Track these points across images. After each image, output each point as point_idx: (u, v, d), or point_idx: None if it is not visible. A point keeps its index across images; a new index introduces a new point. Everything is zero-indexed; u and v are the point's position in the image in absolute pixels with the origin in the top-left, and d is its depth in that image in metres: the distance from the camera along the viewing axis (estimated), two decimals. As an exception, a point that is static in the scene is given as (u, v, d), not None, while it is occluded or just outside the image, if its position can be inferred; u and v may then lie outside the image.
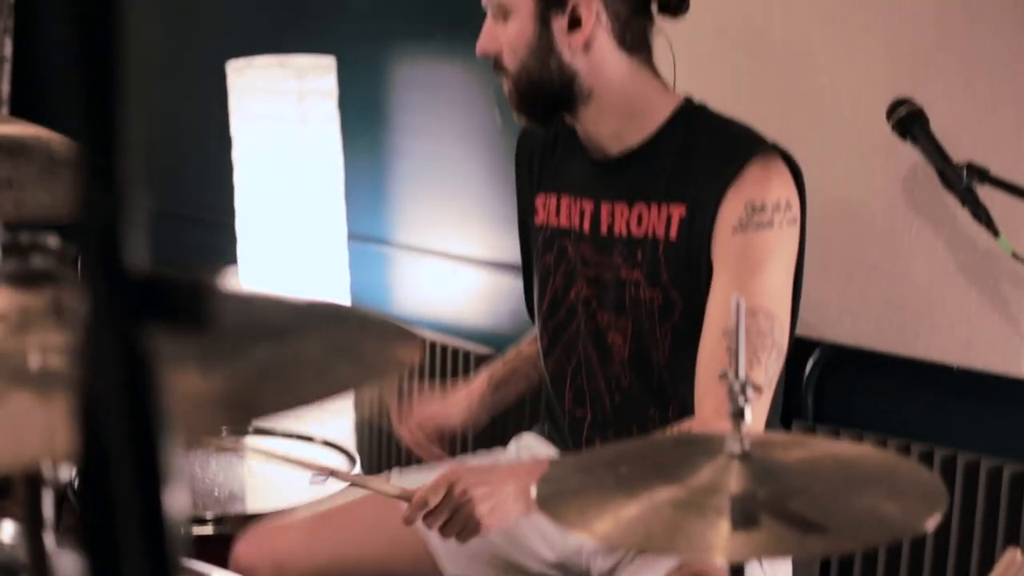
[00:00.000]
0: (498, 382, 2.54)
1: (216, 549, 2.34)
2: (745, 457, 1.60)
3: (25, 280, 1.17)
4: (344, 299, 3.41)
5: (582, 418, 2.32)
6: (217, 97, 3.43)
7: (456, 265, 3.42)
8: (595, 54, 2.19)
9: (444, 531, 2.03)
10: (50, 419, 0.97)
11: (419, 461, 2.49)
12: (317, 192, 3.33)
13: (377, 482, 2.26)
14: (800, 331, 2.55)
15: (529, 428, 2.49)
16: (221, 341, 1.17)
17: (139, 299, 0.77)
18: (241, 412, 1.02)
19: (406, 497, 2.07)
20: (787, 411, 2.73)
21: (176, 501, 0.78)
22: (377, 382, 1.12)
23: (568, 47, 2.18)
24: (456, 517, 2.00)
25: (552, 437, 2.42)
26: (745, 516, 1.50)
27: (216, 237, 3.74)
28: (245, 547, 2.31)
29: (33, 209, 2.57)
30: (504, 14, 2.21)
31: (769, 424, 2.21)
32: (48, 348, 1.10)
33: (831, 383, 2.80)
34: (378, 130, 3.56)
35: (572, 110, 2.23)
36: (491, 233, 3.36)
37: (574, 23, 2.18)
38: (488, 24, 2.24)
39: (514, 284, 3.28)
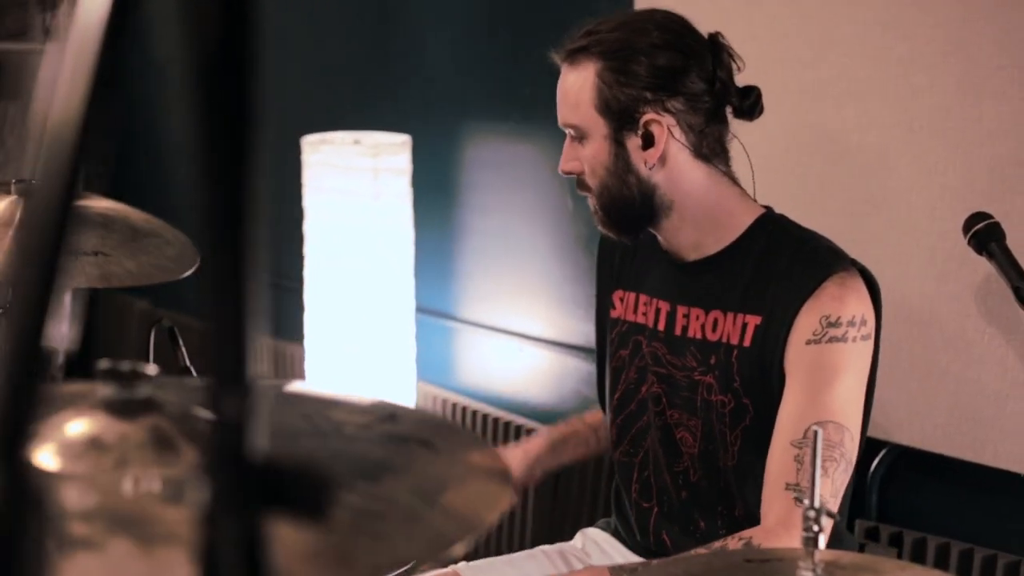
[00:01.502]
0: (556, 442, 2.57)
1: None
2: (817, 584, 1.61)
3: (125, 409, 1.19)
4: (410, 372, 3.43)
5: (648, 510, 2.33)
6: (291, 170, 3.48)
7: (520, 343, 3.44)
8: (672, 167, 2.21)
9: None
10: (151, 570, 0.97)
11: (480, 549, 2.52)
12: (387, 266, 3.37)
13: None
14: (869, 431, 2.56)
15: (594, 523, 2.51)
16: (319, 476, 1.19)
17: (259, 488, 0.79)
18: (339, 572, 1.02)
19: None
20: (852, 510, 2.72)
21: None
22: (470, 536, 1.11)
23: (644, 164, 2.21)
24: None
25: (618, 531, 2.43)
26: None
27: (284, 303, 3.78)
28: None
29: (118, 277, 2.62)
30: (580, 136, 2.24)
31: (841, 531, 2.22)
32: (146, 480, 1.11)
33: (896, 484, 2.79)
34: (449, 207, 3.60)
35: (655, 222, 2.26)
36: (556, 313, 3.38)
37: (648, 140, 2.20)
38: (567, 144, 2.27)
39: (577, 364, 3.30)
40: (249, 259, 0.79)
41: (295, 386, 1.38)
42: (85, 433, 1.16)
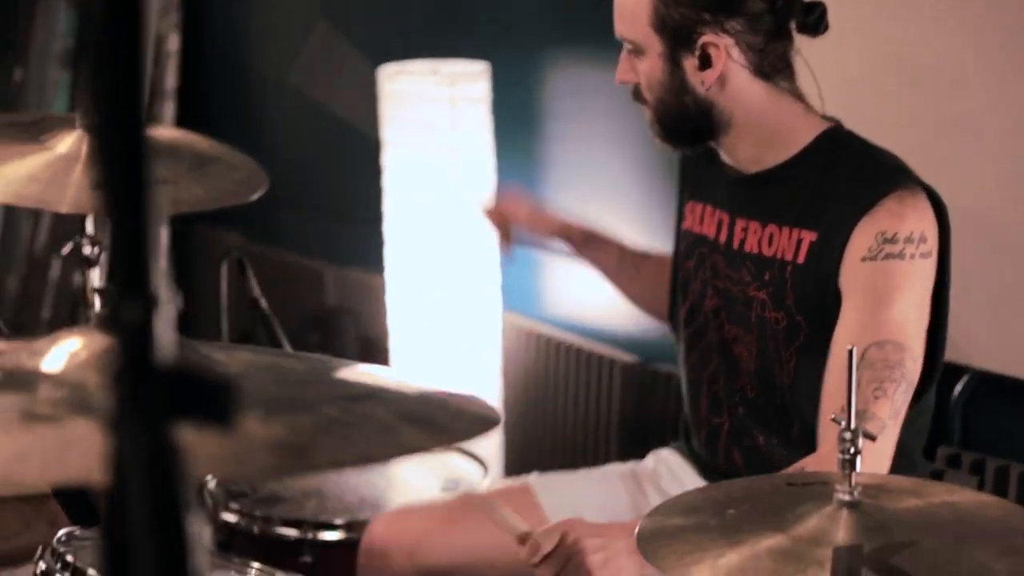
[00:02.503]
0: (588, 238, 2.65)
1: (347, 555, 2.37)
2: (854, 506, 1.57)
3: (116, 327, 1.21)
4: (495, 303, 3.42)
5: (718, 424, 2.31)
6: (368, 102, 3.48)
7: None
8: (730, 86, 2.17)
9: None
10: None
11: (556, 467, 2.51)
12: (468, 196, 3.35)
13: (502, 512, 2.24)
14: (948, 356, 2.49)
15: (668, 444, 2.49)
16: (294, 395, 1.20)
17: (166, 395, 0.78)
18: (292, 461, 1.04)
19: (522, 538, 2.07)
20: (934, 437, 2.66)
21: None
22: (442, 446, 1.13)
23: (701, 84, 2.17)
24: (568, 566, 2.00)
25: (688, 452, 2.41)
26: (846, 572, 1.47)
27: (363, 238, 3.79)
28: (379, 529, 2.33)
29: (187, 203, 2.66)
30: (637, 51, 2.21)
31: (913, 457, 2.17)
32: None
33: (979, 410, 2.71)
34: (530, 136, 3.56)
35: (713, 138, 2.22)
36: (641, 241, 3.33)
37: (704, 61, 2.16)
38: (624, 56, 2.24)
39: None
40: (147, 168, 0.78)
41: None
42: (78, 345, 1.23)
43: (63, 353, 1.22)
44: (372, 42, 3.85)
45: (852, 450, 1.58)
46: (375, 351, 3.67)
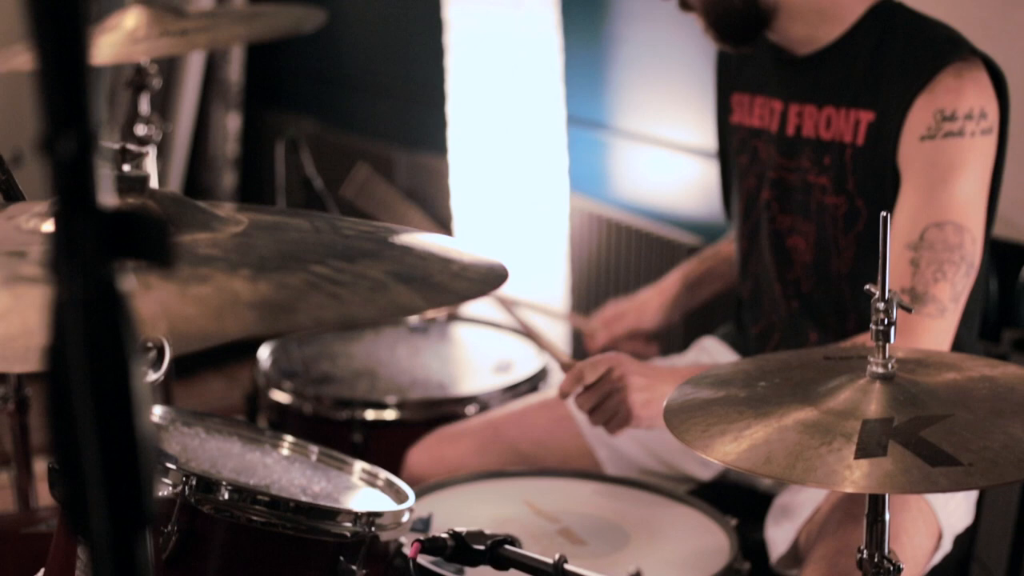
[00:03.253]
0: (693, 282, 2.51)
1: (398, 435, 2.38)
2: (888, 379, 1.53)
3: (118, 188, 1.20)
4: (562, 185, 3.38)
5: (771, 321, 2.27)
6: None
7: (673, 153, 3.35)
8: None
9: (594, 416, 2.00)
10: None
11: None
12: (534, 77, 3.30)
13: (547, 338, 2.23)
14: (1015, 236, 2.42)
15: (710, 332, 2.45)
16: (291, 254, 1.18)
17: (106, 233, 0.77)
18: (274, 318, 1.02)
19: (566, 366, 2.05)
20: (1000, 320, 2.60)
21: (146, 425, 0.78)
22: (431, 309, 1.11)
23: None
24: (608, 402, 1.97)
25: (734, 342, 2.37)
26: (873, 444, 1.43)
27: (426, 115, 3.76)
28: (417, 455, 2.33)
29: (228, 40, 2.67)
30: None
31: (963, 339, 2.11)
32: None
33: (1047, 291, 2.64)
34: (597, 14, 3.50)
35: (766, 24, 2.15)
36: (709, 121, 3.27)
37: None
38: None
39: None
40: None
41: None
42: None
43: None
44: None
45: (885, 321, 1.53)
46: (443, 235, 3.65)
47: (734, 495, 2.25)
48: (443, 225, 3.61)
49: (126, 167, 1.19)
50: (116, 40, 2.38)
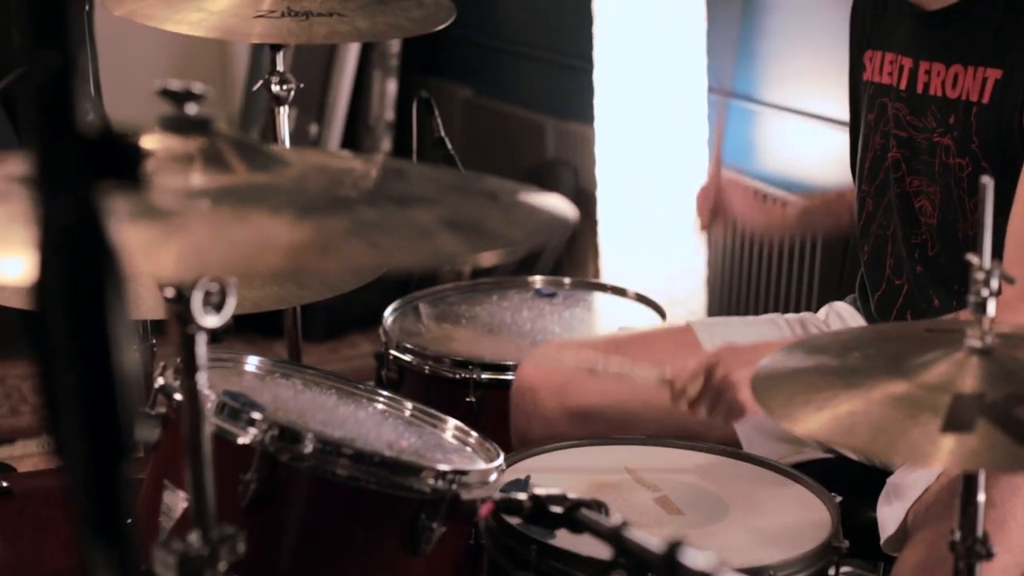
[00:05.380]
0: (807, 210, 2.51)
1: (508, 396, 2.36)
2: (986, 353, 1.46)
3: (178, 127, 1.20)
4: (703, 155, 3.33)
5: (897, 286, 2.20)
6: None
7: (821, 125, 3.27)
8: None
9: (709, 416, 1.96)
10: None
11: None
12: (679, 48, 3.25)
13: (640, 368, 2.15)
14: None
15: (842, 297, 2.38)
16: (340, 196, 1.17)
17: (86, 155, 0.76)
18: (307, 262, 1.01)
19: (665, 379, 2.01)
20: None
21: (128, 360, 0.78)
22: (476, 255, 1.09)
23: None
24: (719, 404, 1.93)
25: (863, 308, 2.31)
26: (961, 419, 1.37)
27: (574, 85, 3.73)
28: (528, 370, 2.29)
29: (346, 35, 2.66)
30: None
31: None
32: (189, 188, 1.14)
33: None
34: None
35: None
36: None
37: None
38: None
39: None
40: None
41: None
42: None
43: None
44: None
45: (986, 292, 1.46)
46: (588, 203, 3.62)
47: (847, 471, 2.18)
48: (590, 195, 3.58)
49: (189, 109, 1.19)
50: (236, 9, 2.37)
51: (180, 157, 1.18)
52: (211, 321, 1.24)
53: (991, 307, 1.46)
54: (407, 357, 2.50)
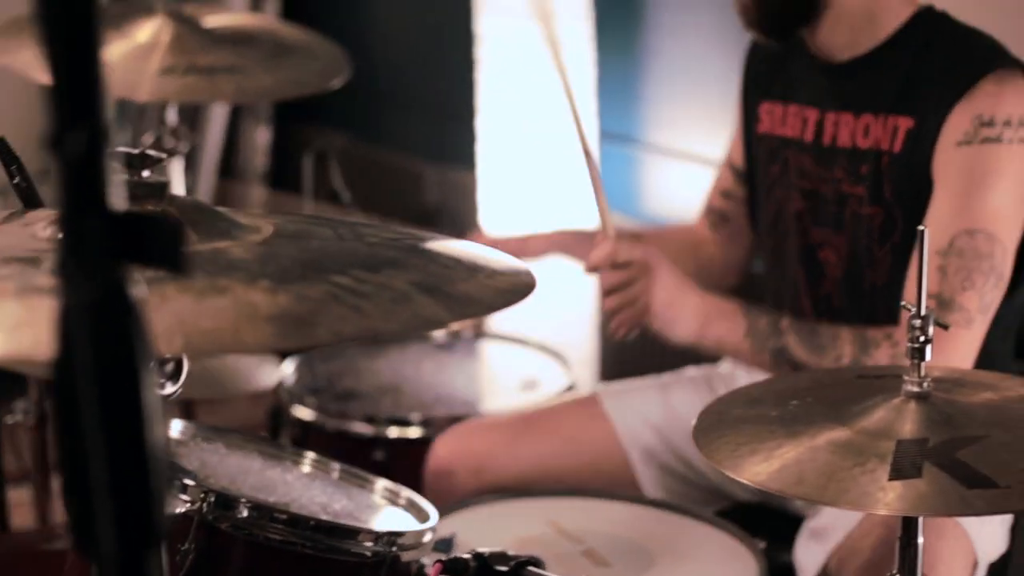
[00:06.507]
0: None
1: (421, 453, 2.34)
2: (924, 398, 1.49)
3: (136, 193, 1.17)
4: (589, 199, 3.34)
5: None
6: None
7: (705, 168, 3.32)
8: None
9: (612, 298, 2.00)
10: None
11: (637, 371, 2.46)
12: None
13: (605, 200, 2.14)
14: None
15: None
16: (313, 263, 1.15)
17: (116, 236, 0.74)
18: (292, 333, 0.99)
19: (608, 234, 2.02)
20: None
21: (156, 434, 0.75)
22: (455, 321, 1.08)
23: None
24: (631, 288, 1.95)
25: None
26: (907, 465, 1.40)
27: (456, 130, 3.74)
28: (444, 446, 2.29)
29: (252, 93, 2.63)
30: None
31: (997, 357, 2.07)
32: None
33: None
34: (631, 27, 3.46)
35: (812, 19, 2.11)
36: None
37: None
38: None
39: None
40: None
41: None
42: None
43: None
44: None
45: (922, 338, 1.49)
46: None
47: (765, 517, 2.21)
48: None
49: (146, 173, 1.16)
50: (135, 64, 2.32)
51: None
52: (166, 390, 1.21)
53: (928, 353, 1.49)
54: (310, 414, 2.47)
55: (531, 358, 2.73)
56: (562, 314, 3.35)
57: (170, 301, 1.02)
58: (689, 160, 3.35)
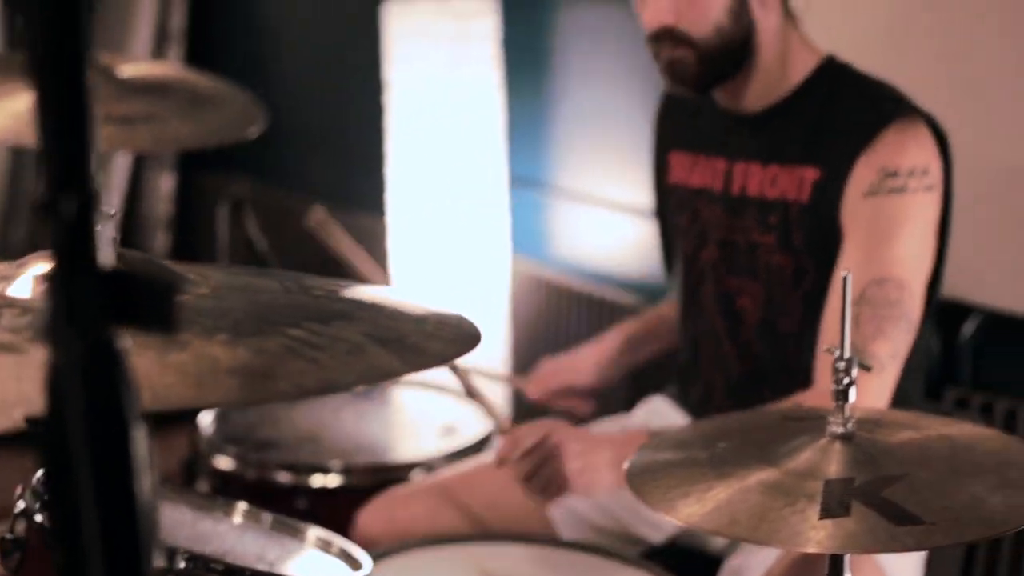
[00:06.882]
0: (632, 340, 2.50)
1: (342, 501, 2.35)
2: (848, 439, 1.54)
3: (51, 224, 1.18)
4: (504, 246, 3.38)
5: (712, 384, 2.27)
6: (371, 39, 3.44)
7: (613, 213, 3.37)
8: (768, 10, 2.12)
9: (530, 484, 2.01)
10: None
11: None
12: (475, 137, 3.31)
13: (489, 400, 2.22)
14: (958, 294, 2.44)
15: (659, 391, 2.44)
16: (264, 317, 1.17)
17: (104, 296, 0.75)
18: (257, 387, 1.01)
19: (505, 431, 2.05)
20: (943, 377, 2.63)
21: (146, 492, 0.77)
22: (411, 372, 1.11)
23: (761, 4, 2.10)
24: (544, 469, 1.98)
25: (683, 400, 2.37)
26: (836, 504, 1.44)
27: (365, 175, 3.75)
28: (368, 517, 2.30)
29: (169, 142, 2.63)
30: None
31: (909, 396, 2.13)
32: None
33: (988, 350, 2.67)
34: (539, 74, 3.51)
35: (737, 72, 2.15)
36: (649, 181, 3.29)
37: None
38: None
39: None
40: (85, 56, 0.75)
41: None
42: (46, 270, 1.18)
43: (31, 279, 1.19)
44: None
45: (846, 381, 1.54)
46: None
47: (686, 558, 2.25)
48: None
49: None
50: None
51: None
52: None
53: (852, 395, 1.54)
54: (230, 464, 2.47)
55: (448, 405, 2.75)
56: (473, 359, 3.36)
57: (133, 356, 1.03)
58: (598, 204, 3.41)
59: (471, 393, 2.27)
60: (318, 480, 2.42)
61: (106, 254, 0.75)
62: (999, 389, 2.64)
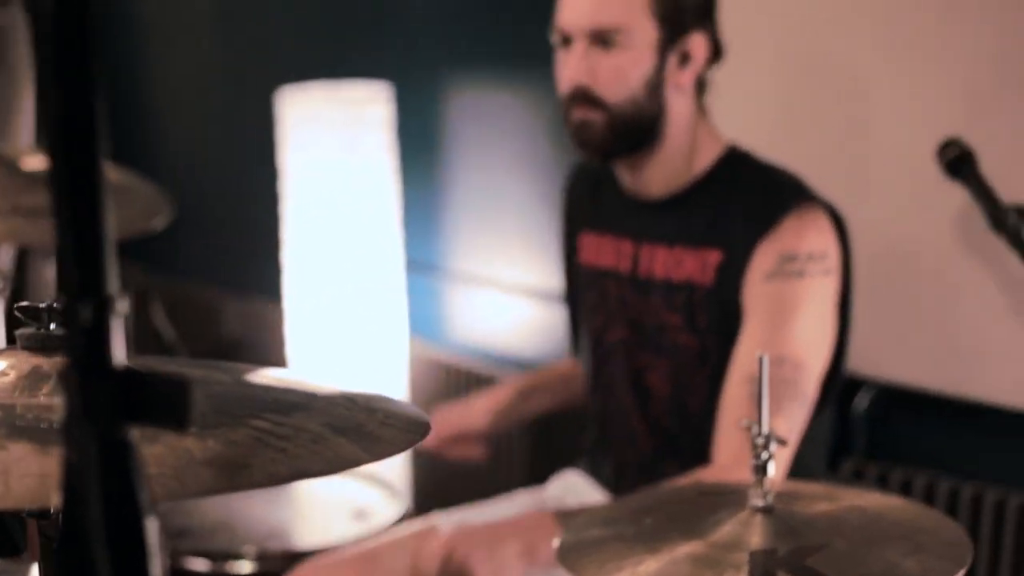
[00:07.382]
0: (524, 391, 2.56)
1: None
2: (768, 511, 1.61)
3: (40, 345, 1.21)
4: (401, 330, 3.42)
5: (624, 460, 2.32)
6: (265, 125, 3.47)
7: (510, 295, 3.43)
8: (680, 94, 2.19)
9: None
10: (45, 468, 1.01)
11: (464, 495, 2.51)
12: (371, 222, 3.35)
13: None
14: (851, 368, 2.54)
15: (572, 465, 2.50)
16: (224, 408, 1.20)
17: (120, 396, 0.79)
18: (231, 477, 1.04)
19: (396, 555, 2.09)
20: (839, 448, 2.72)
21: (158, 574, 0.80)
22: (374, 461, 1.14)
23: (675, 84, 2.17)
24: None
25: (598, 476, 2.42)
26: (762, 574, 1.50)
27: (260, 259, 3.77)
28: None
29: None
30: (605, 41, 2.14)
31: (812, 470, 2.21)
32: (52, 407, 1.15)
33: (884, 421, 2.77)
34: (434, 159, 3.58)
35: (641, 150, 2.21)
36: (547, 263, 3.36)
37: (684, 60, 2.17)
38: (578, 53, 2.15)
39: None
40: (100, 165, 0.79)
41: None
42: (2, 367, 1.21)
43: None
44: (269, 64, 3.85)
45: (764, 456, 1.61)
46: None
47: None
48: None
49: (52, 326, 1.21)
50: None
51: (46, 376, 1.19)
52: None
53: (771, 469, 1.61)
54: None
55: (358, 489, 2.77)
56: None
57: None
58: (493, 287, 3.46)
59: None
60: (233, 567, 2.43)
61: (120, 353, 0.78)
62: (894, 460, 2.74)
